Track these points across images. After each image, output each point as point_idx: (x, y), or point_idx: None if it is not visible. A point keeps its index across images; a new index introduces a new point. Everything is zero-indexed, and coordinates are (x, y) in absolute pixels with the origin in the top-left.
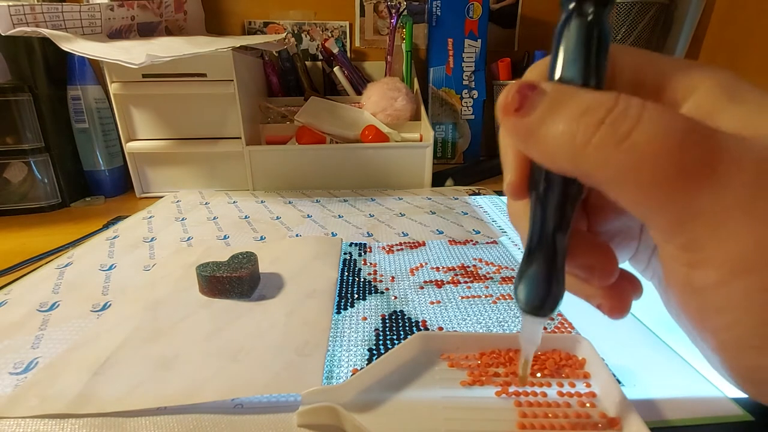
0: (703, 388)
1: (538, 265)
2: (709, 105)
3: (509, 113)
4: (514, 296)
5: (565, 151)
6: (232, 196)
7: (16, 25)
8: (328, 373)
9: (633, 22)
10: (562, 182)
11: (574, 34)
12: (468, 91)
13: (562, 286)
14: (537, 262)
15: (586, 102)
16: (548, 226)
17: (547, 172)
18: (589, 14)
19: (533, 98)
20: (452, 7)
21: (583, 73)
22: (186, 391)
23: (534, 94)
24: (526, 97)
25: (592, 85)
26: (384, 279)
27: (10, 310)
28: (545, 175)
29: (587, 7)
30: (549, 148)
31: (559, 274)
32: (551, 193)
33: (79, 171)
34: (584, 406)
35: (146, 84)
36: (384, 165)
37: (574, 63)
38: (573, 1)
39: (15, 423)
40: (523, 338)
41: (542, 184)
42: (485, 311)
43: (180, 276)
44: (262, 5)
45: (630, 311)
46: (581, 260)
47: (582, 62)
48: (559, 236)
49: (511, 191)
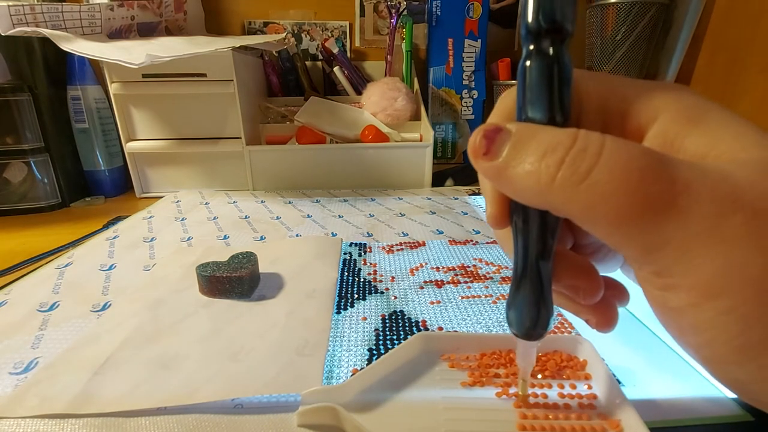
0: (703, 388)
1: (526, 292)
2: (672, 131)
3: (478, 157)
4: (507, 322)
5: (533, 189)
6: (232, 196)
7: (16, 25)
8: (328, 373)
9: (633, 22)
10: (539, 214)
11: (536, 73)
12: (468, 91)
13: (550, 308)
14: (524, 289)
15: (547, 141)
16: (531, 255)
17: (524, 206)
18: (548, 52)
19: (499, 141)
20: (452, 7)
21: (548, 109)
22: (186, 391)
23: (499, 137)
24: (493, 141)
25: (558, 120)
26: (384, 279)
27: (10, 310)
28: (522, 208)
29: (545, 46)
30: (518, 187)
31: (546, 299)
32: (530, 225)
33: (79, 171)
34: (585, 408)
35: (146, 84)
36: (384, 165)
37: (538, 101)
38: (532, 39)
39: (15, 423)
40: (519, 360)
41: (521, 216)
42: (485, 311)
43: (180, 276)
44: (262, 5)
45: (617, 323)
46: (566, 282)
47: (545, 99)
48: (543, 263)
49: (493, 223)
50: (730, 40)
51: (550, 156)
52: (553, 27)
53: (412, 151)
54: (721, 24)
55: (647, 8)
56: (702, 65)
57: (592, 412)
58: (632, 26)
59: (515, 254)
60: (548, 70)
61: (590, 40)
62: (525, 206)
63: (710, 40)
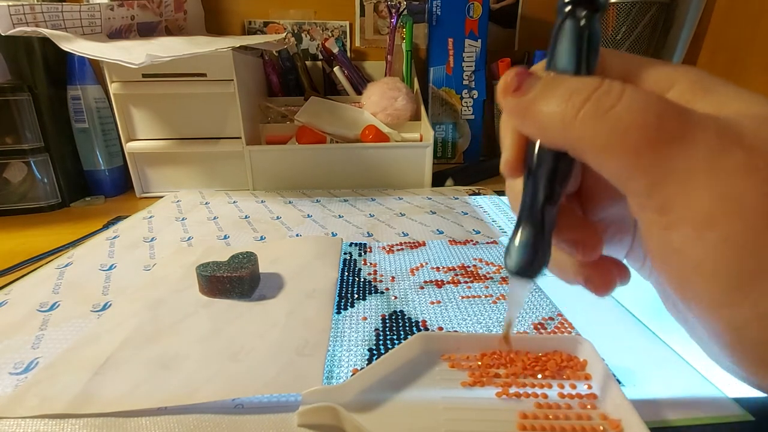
0: (703, 388)
1: (527, 233)
2: (686, 96)
3: (508, 93)
4: (503, 262)
5: (556, 125)
6: (232, 196)
7: (16, 25)
8: (329, 373)
9: (633, 22)
10: (553, 158)
11: (569, 34)
12: (468, 91)
13: (547, 252)
14: (527, 229)
15: (575, 84)
16: (538, 198)
17: (540, 150)
18: (582, 18)
19: (530, 81)
20: (452, 6)
21: (576, 66)
22: (186, 391)
23: (531, 78)
24: (524, 80)
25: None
26: (384, 279)
27: (10, 310)
28: (538, 152)
29: (580, 12)
30: (542, 124)
31: (546, 243)
32: (542, 168)
33: (79, 171)
34: (585, 408)
35: (146, 84)
36: (384, 165)
37: (568, 57)
38: (568, 5)
39: (15, 423)
40: (510, 300)
41: (535, 160)
42: (485, 311)
43: (180, 276)
44: (262, 5)
45: (615, 288)
46: (568, 235)
47: (574, 57)
48: (548, 208)
49: (508, 168)
50: (730, 40)
51: (576, 96)
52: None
53: (412, 151)
54: (721, 24)
55: (647, 8)
56: (702, 65)
57: (592, 412)
58: (632, 26)
59: (523, 198)
60: (580, 33)
61: None
62: (540, 150)
63: (710, 40)
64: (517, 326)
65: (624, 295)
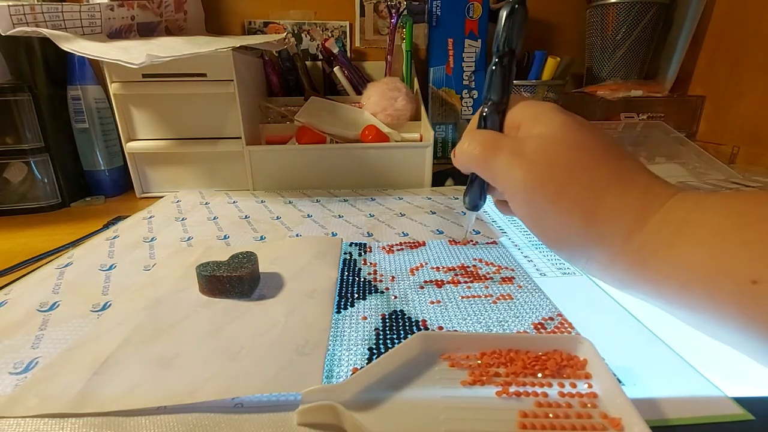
0: (703, 388)
1: (475, 186)
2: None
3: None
4: (462, 202)
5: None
6: (232, 196)
7: (16, 25)
8: (328, 373)
9: (633, 22)
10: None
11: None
12: (468, 91)
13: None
14: (475, 185)
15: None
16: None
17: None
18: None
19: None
20: (452, 7)
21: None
22: (186, 390)
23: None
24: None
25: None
26: (384, 279)
27: (10, 310)
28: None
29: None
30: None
31: (484, 192)
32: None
33: (79, 171)
34: (585, 407)
35: (146, 84)
36: (384, 165)
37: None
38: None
39: (15, 423)
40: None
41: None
42: (485, 311)
43: (180, 276)
44: (262, 5)
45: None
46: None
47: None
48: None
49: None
50: (730, 40)
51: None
52: (510, 50)
53: (412, 151)
54: (721, 24)
55: (647, 8)
56: (702, 65)
57: (592, 411)
58: (632, 26)
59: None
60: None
61: (590, 40)
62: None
63: (710, 40)
64: (517, 326)
65: (624, 296)
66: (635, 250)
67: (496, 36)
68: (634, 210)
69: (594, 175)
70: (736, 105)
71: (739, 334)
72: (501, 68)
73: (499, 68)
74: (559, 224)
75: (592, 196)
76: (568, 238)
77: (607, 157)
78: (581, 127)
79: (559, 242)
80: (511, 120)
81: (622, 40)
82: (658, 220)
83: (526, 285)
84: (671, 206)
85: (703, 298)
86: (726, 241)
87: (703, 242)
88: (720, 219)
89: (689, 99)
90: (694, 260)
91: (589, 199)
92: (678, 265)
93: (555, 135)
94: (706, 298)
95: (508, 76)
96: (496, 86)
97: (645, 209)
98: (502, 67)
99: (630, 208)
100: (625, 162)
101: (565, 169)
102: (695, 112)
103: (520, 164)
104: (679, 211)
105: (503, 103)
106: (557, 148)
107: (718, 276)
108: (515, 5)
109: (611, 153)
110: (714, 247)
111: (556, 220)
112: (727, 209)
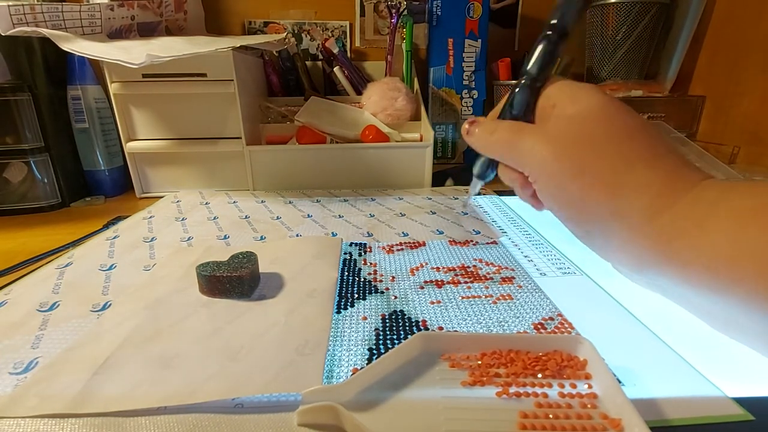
0: (703, 388)
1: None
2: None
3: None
4: (472, 171)
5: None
6: (232, 196)
7: (16, 25)
8: (328, 373)
9: (633, 22)
10: None
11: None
12: (468, 91)
13: (494, 168)
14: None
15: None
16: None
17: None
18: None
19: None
20: (452, 7)
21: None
22: (186, 390)
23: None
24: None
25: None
26: (384, 279)
27: (10, 310)
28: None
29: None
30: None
31: (494, 163)
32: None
33: (79, 171)
34: (585, 407)
35: (146, 84)
36: (384, 165)
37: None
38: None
39: (15, 423)
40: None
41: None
42: (485, 311)
43: (180, 276)
44: (262, 5)
45: None
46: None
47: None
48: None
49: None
50: (730, 40)
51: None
52: (562, 28)
53: (412, 151)
54: (721, 24)
55: (647, 8)
56: (702, 65)
57: (592, 412)
58: (632, 26)
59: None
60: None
61: (590, 40)
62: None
63: (710, 40)
64: (518, 326)
65: (624, 295)
66: (659, 231)
67: (554, 10)
68: (658, 186)
69: (624, 146)
70: (737, 105)
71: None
72: (547, 44)
73: (546, 44)
74: (580, 197)
75: (618, 168)
76: (589, 211)
77: (641, 133)
78: (620, 105)
79: (579, 216)
80: (547, 98)
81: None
82: (688, 200)
83: (527, 285)
84: (701, 190)
85: (727, 280)
86: (751, 220)
87: (730, 224)
88: (753, 202)
89: (689, 99)
90: (722, 242)
91: (614, 171)
92: (703, 247)
93: (590, 112)
94: (730, 280)
95: (552, 54)
96: (539, 61)
97: (672, 188)
98: (549, 43)
99: (655, 183)
100: (658, 140)
101: (592, 142)
102: (695, 112)
103: (544, 142)
104: (709, 195)
105: (540, 80)
106: (586, 123)
107: (743, 256)
108: None
109: (645, 130)
110: (740, 228)
111: (577, 193)
112: (754, 192)
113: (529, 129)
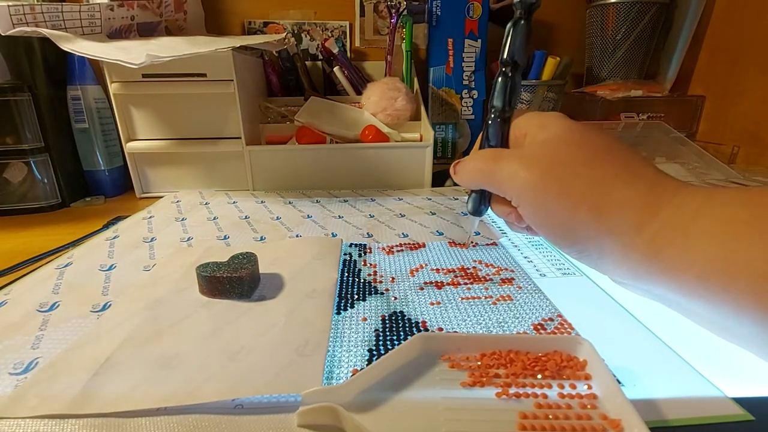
0: (703, 388)
1: (476, 195)
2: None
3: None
4: (466, 206)
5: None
6: (232, 196)
7: (16, 25)
8: (328, 374)
9: (633, 22)
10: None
11: (501, 83)
12: (468, 91)
13: (487, 206)
14: (476, 193)
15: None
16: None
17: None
18: (509, 73)
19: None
20: (452, 7)
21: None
22: (186, 391)
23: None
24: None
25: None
26: (384, 280)
27: (10, 310)
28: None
29: (508, 70)
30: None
31: (486, 201)
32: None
33: (79, 171)
34: (585, 408)
35: (146, 84)
36: (384, 165)
37: (499, 98)
38: (502, 67)
39: (15, 423)
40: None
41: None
42: (485, 312)
43: (180, 276)
44: (262, 5)
45: None
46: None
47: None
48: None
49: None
50: (730, 40)
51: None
52: (513, 61)
53: (412, 151)
54: (721, 24)
55: (647, 8)
56: (702, 65)
57: (592, 412)
58: (632, 26)
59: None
60: (508, 82)
61: (590, 40)
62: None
63: (710, 40)
64: (517, 327)
65: (624, 296)
66: (648, 242)
67: (502, 47)
68: (642, 200)
69: (597, 170)
70: (736, 105)
71: (755, 328)
72: (504, 78)
73: (503, 78)
74: (567, 219)
75: (598, 190)
76: (578, 232)
77: (611, 154)
78: (585, 129)
79: (570, 237)
80: (518, 128)
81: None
82: (670, 210)
83: (526, 286)
84: (684, 197)
85: (719, 290)
86: (743, 232)
87: (719, 233)
88: (736, 210)
89: (689, 99)
90: (709, 251)
91: (595, 193)
92: (693, 256)
93: (558, 137)
94: (722, 290)
95: (512, 86)
96: (500, 94)
97: (655, 200)
98: (505, 77)
99: (638, 198)
100: (630, 157)
101: (568, 165)
102: (695, 112)
103: (522, 166)
104: (692, 202)
105: (507, 111)
106: (559, 147)
107: (735, 267)
108: (519, 20)
109: (615, 150)
110: (731, 238)
111: (564, 216)
112: (743, 201)
113: (507, 153)
